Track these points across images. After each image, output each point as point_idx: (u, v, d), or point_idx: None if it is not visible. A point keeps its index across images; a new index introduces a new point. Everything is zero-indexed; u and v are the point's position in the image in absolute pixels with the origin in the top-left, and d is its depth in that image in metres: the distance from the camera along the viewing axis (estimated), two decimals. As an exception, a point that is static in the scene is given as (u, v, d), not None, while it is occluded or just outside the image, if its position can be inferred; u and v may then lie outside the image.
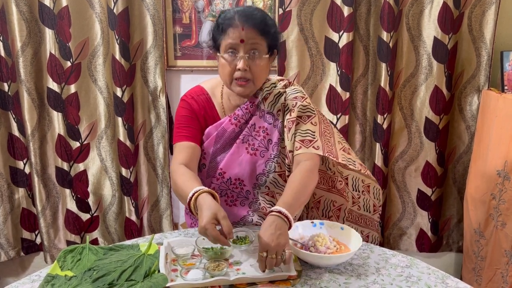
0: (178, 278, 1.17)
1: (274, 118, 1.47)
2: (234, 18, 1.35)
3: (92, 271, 1.18)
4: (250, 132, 1.46)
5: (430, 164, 2.36)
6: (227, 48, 1.36)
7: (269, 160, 1.46)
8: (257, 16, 1.37)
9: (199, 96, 1.50)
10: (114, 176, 2.38)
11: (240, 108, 1.46)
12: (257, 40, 1.36)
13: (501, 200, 1.99)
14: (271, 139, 1.47)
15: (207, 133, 1.47)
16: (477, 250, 2.18)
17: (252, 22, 1.35)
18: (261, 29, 1.36)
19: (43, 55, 2.22)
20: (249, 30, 1.34)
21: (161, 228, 2.48)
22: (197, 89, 1.52)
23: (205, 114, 1.48)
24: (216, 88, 1.52)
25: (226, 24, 1.36)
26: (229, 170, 1.46)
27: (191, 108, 1.48)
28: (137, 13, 2.20)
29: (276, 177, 1.47)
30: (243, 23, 1.34)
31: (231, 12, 1.37)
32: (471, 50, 2.25)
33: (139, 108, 2.32)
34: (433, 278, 1.21)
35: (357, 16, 2.22)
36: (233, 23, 1.35)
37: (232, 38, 1.35)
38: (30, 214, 2.44)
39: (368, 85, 2.32)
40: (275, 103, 1.47)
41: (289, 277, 1.17)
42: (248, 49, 1.35)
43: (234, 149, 1.46)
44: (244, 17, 1.35)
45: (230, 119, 1.46)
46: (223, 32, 1.36)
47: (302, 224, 1.40)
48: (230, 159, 1.46)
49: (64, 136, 2.31)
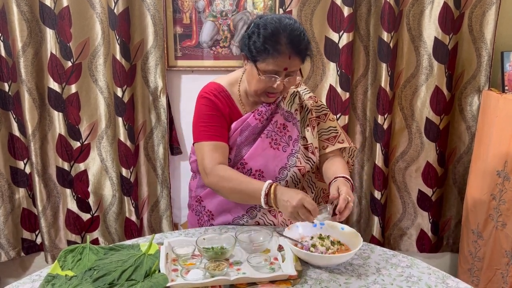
0: (179, 278, 1.17)
1: (292, 116, 1.53)
2: (281, 43, 1.32)
3: (92, 271, 1.18)
4: (273, 128, 1.51)
5: (430, 164, 2.36)
6: (268, 72, 1.37)
7: (291, 155, 1.51)
8: (303, 42, 1.36)
9: (220, 93, 1.49)
10: (114, 176, 2.38)
11: (263, 105, 1.50)
12: (298, 66, 1.40)
13: (501, 200, 1.99)
14: (291, 136, 1.52)
15: (232, 128, 1.49)
16: (474, 251, 2.18)
17: (299, 50, 1.35)
18: (304, 56, 1.39)
19: (44, 55, 2.22)
20: (295, 59, 1.36)
21: (161, 229, 2.48)
22: (216, 86, 1.51)
23: (230, 111, 1.50)
24: (234, 86, 1.53)
25: (273, 48, 1.33)
26: (251, 161, 1.48)
27: (215, 106, 1.47)
28: (137, 13, 2.21)
29: (296, 171, 1.51)
30: (291, 52, 1.34)
31: (279, 33, 1.33)
32: (471, 50, 2.25)
33: (140, 108, 2.32)
34: (433, 278, 1.21)
35: (358, 16, 2.23)
36: (280, 49, 1.33)
37: (277, 66, 1.35)
38: (30, 214, 2.44)
39: (368, 85, 2.32)
40: (292, 103, 1.54)
41: (289, 277, 1.17)
42: (287, 75, 1.38)
43: (258, 143, 1.49)
44: (292, 45, 1.33)
45: (254, 114, 1.49)
46: (267, 53, 1.34)
47: (303, 224, 1.40)
48: (254, 152, 1.48)
49: (65, 136, 2.31)
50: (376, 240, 2.42)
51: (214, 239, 1.33)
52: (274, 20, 1.36)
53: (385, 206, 2.43)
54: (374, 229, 2.43)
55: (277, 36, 1.33)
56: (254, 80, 1.41)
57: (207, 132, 1.45)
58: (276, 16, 1.38)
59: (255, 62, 1.38)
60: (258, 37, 1.35)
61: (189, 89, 2.36)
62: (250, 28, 1.40)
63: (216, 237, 1.33)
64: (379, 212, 2.40)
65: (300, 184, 1.54)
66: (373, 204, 2.41)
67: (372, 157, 2.37)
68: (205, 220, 1.60)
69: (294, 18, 1.41)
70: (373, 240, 2.42)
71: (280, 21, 1.35)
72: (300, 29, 1.37)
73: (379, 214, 2.40)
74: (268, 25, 1.35)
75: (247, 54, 1.40)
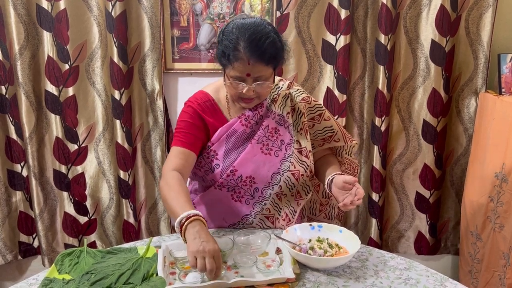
0: (176, 281, 1.17)
1: (284, 120, 1.51)
2: (239, 49, 1.30)
3: (90, 274, 1.18)
4: (264, 133, 1.49)
5: (428, 166, 2.36)
6: (234, 78, 1.36)
7: (284, 160, 1.49)
8: (264, 46, 1.31)
9: (205, 103, 1.49)
10: (112, 179, 2.37)
11: (250, 109, 1.48)
12: (263, 71, 1.35)
13: (499, 202, 1.99)
14: (284, 140, 1.50)
15: (217, 134, 1.48)
16: (473, 252, 2.19)
17: (259, 54, 1.31)
18: (267, 60, 1.33)
19: (41, 58, 2.22)
20: (256, 64, 1.32)
21: (159, 231, 2.47)
22: (201, 95, 1.50)
23: (214, 121, 1.48)
24: (220, 92, 1.52)
25: (232, 55, 1.31)
26: (241, 168, 1.46)
27: (196, 114, 1.46)
28: (135, 16, 2.21)
29: (289, 175, 1.49)
30: (249, 57, 1.31)
31: (237, 40, 1.31)
32: (468, 52, 2.26)
33: (137, 110, 2.31)
34: (431, 280, 1.21)
35: (355, 19, 2.23)
36: (238, 56, 1.31)
37: (239, 71, 1.33)
38: (27, 217, 2.43)
39: (365, 88, 2.32)
40: (284, 106, 1.51)
41: (287, 280, 1.17)
42: (254, 80, 1.35)
43: (249, 149, 1.47)
44: (251, 50, 1.30)
45: (240, 120, 1.47)
46: (229, 61, 1.33)
47: (300, 226, 1.40)
48: (244, 158, 1.46)
49: (62, 138, 2.31)
50: (374, 243, 2.42)
51: (212, 242, 1.32)
52: (236, 25, 1.34)
53: (382, 208, 2.43)
54: (372, 231, 2.43)
55: (235, 41, 1.31)
56: (226, 86, 1.41)
57: (179, 138, 1.44)
58: (240, 22, 1.36)
59: (224, 68, 1.38)
60: (221, 44, 1.36)
61: (186, 91, 2.34)
62: (218, 35, 1.40)
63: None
64: (377, 214, 2.40)
65: (295, 188, 1.52)
66: (371, 206, 2.41)
67: (370, 159, 2.38)
68: None
69: (266, 22, 1.38)
70: (371, 242, 2.42)
71: (242, 26, 1.33)
72: (263, 33, 1.32)
73: (377, 217, 2.40)
74: (229, 31, 1.34)
75: (216, 60, 1.41)
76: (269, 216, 1.53)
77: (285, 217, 1.53)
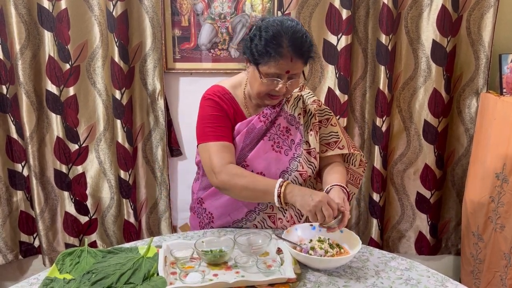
0: (177, 281, 1.17)
1: (295, 120, 1.52)
2: (283, 46, 1.32)
3: (90, 274, 1.18)
4: (276, 131, 1.50)
5: (429, 166, 2.36)
6: (271, 75, 1.36)
7: (293, 159, 1.50)
8: (305, 44, 1.35)
9: (224, 96, 1.49)
10: (112, 179, 2.37)
11: (268, 107, 1.49)
12: (300, 69, 1.39)
13: (500, 202, 1.99)
14: (294, 140, 1.52)
15: (237, 129, 1.49)
16: (475, 253, 2.18)
17: (301, 52, 1.34)
18: (307, 58, 1.38)
19: (42, 58, 2.22)
20: (297, 61, 1.35)
21: (160, 231, 2.47)
22: (219, 89, 1.50)
23: (234, 112, 1.49)
24: (237, 88, 1.53)
25: (275, 51, 1.32)
26: (253, 164, 1.47)
27: (220, 107, 1.47)
28: (136, 15, 2.20)
29: (297, 175, 1.49)
30: (293, 54, 1.33)
31: (281, 36, 1.32)
32: (469, 53, 2.26)
33: (138, 110, 2.31)
34: (432, 281, 1.21)
35: (356, 19, 2.23)
36: (282, 52, 1.32)
37: (279, 69, 1.35)
38: (28, 217, 2.43)
39: (366, 88, 2.32)
40: (296, 107, 1.53)
41: (288, 280, 1.17)
42: (289, 77, 1.38)
43: (260, 145, 1.48)
44: (294, 48, 1.32)
45: (259, 116, 1.48)
46: (269, 56, 1.33)
47: (301, 227, 1.40)
48: (256, 154, 1.47)
49: (63, 138, 2.31)
50: (374, 243, 2.42)
51: (212, 242, 1.32)
52: (276, 23, 1.35)
53: (383, 209, 2.43)
54: (372, 231, 2.43)
55: (279, 38, 1.32)
56: (257, 83, 1.40)
57: (213, 132, 1.44)
58: (278, 19, 1.38)
59: (257, 65, 1.37)
60: (260, 40, 1.35)
61: (187, 91, 2.36)
62: (252, 31, 1.40)
63: (215, 240, 1.33)
64: (378, 214, 2.40)
65: None
66: (372, 206, 2.41)
67: (371, 159, 2.37)
68: (205, 222, 1.59)
69: (297, 20, 1.40)
70: (371, 242, 2.42)
71: (282, 24, 1.35)
72: (302, 31, 1.36)
73: (377, 217, 2.40)
74: (270, 28, 1.34)
75: (249, 57, 1.40)
76: (271, 215, 1.52)
77: (289, 219, 1.53)
